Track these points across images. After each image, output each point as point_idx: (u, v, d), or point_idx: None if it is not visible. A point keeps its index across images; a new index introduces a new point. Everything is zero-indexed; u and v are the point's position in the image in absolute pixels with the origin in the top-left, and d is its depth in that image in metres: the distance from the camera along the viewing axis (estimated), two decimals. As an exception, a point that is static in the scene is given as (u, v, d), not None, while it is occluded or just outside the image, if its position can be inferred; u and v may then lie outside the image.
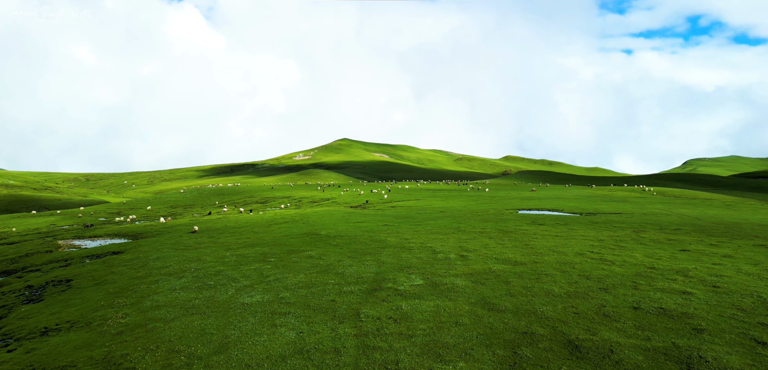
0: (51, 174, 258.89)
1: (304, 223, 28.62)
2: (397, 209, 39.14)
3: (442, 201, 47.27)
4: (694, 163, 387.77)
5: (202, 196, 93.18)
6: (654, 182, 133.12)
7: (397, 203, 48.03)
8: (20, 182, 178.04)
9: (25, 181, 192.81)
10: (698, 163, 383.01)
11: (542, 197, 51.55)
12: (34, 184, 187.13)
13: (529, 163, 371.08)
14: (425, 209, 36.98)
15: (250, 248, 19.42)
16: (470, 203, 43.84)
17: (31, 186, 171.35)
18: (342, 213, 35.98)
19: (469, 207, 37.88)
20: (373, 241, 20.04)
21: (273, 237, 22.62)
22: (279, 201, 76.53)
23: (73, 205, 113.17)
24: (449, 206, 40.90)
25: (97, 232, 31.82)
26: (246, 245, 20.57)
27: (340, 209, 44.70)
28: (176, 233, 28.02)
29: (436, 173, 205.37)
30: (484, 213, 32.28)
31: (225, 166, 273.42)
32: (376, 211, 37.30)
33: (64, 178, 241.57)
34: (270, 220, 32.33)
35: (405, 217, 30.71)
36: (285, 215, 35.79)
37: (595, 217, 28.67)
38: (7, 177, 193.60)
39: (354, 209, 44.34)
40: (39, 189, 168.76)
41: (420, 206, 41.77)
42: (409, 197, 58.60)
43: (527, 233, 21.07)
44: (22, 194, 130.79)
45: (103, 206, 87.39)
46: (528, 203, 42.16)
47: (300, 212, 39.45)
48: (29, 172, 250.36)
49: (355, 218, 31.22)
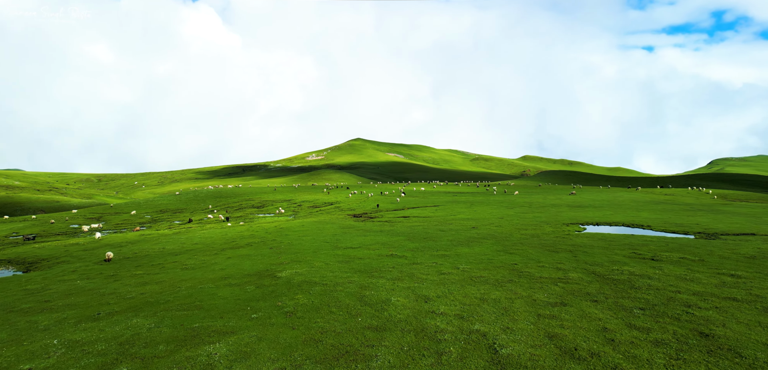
0: (66, 175, 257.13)
1: (272, 248, 19.14)
2: (412, 220, 29.42)
3: (468, 209, 37.27)
4: (721, 163, 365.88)
5: (197, 199, 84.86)
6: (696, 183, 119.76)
7: (411, 209, 38.18)
8: (27, 183, 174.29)
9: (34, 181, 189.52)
10: (725, 163, 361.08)
11: (594, 204, 41.14)
12: (42, 185, 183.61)
13: (548, 163, 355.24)
14: (449, 222, 27.10)
15: (111, 324, 9.90)
16: (506, 211, 33.76)
17: (36, 187, 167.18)
18: (337, 227, 26.46)
19: (508, 219, 27.87)
20: (364, 302, 10.38)
21: (193, 284, 13.12)
22: (277, 205, 67.39)
23: (67, 207, 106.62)
24: (480, 216, 30.94)
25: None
26: (127, 307, 11.09)
27: (339, 218, 35.20)
28: (83, 261, 18.92)
29: (451, 174, 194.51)
30: (537, 230, 22.29)
31: (236, 167, 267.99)
32: (382, 225, 27.63)
33: (77, 179, 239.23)
34: (232, 239, 23.02)
35: (422, 237, 20.93)
36: (258, 232, 26.40)
37: (714, 241, 18.43)
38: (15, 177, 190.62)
39: (357, 218, 34.78)
40: (43, 190, 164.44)
41: (441, 216, 31.91)
42: (426, 202, 48.63)
43: (655, 286, 11.10)
44: (20, 196, 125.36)
45: (99, 209, 79.66)
46: (583, 213, 31.86)
47: (282, 226, 30.03)
48: (45, 173, 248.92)
49: (351, 237, 21.62)
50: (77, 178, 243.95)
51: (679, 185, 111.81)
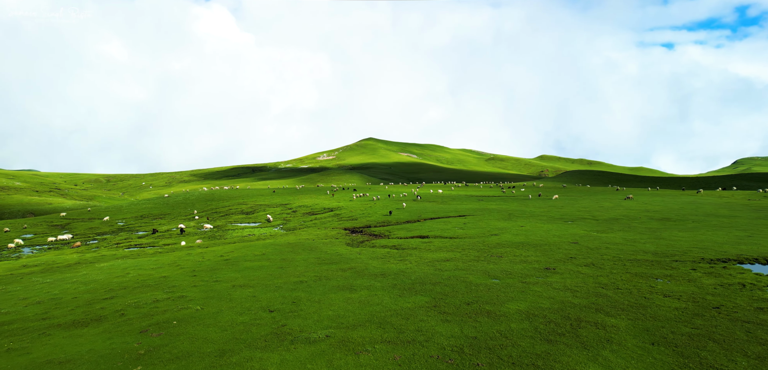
0: (76, 175, 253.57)
1: (144, 332, 9.53)
2: (434, 245, 19.53)
3: (508, 221, 27.15)
4: (747, 163, 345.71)
5: (186, 203, 75.99)
6: (747, 184, 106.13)
7: (430, 220, 28.04)
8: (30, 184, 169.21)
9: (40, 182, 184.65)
10: (751, 163, 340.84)
11: (681, 214, 30.61)
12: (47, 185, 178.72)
13: (566, 162, 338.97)
14: (494, 252, 17.16)
15: None
16: (572, 230, 23.58)
17: (36, 188, 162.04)
18: (314, 261, 16.81)
19: (596, 248, 17.74)
20: None
21: None
22: (270, 210, 57.83)
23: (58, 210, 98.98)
24: (535, 235, 20.91)
25: None
26: None
27: (328, 236, 25.55)
28: None
29: (466, 174, 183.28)
30: (688, 280, 12.25)
31: (246, 167, 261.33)
32: (386, 256, 17.82)
33: (87, 180, 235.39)
34: (111, 290, 13.53)
35: (468, 311, 10.70)
36: (185, 265, 16.83)
37: None
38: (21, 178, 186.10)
39: (353, 235, 25.15)
40: (41, 192, 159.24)
41: (475, 234, 21.89)
42: (448, 209, 38.02)
43: None
44: (11, 198, 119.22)
45: (82, 213, 71.47)
46: (691, 235, 21.45)
47: (233, 256, 20.44)
48: (57, 174, 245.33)
49: (322, 297, 11.85)
50: (87, 179, 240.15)
51: (725, 186, 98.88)
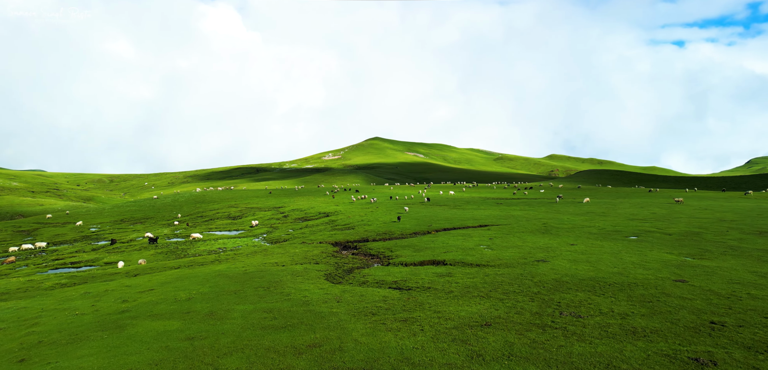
0: (79, 175, 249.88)
1: None
2: (456, 285, 13.11)
3: (558, 242, 20.64)
4: (761, 162, 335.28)
5: (174, 205, 70.12)
6: None
7: (443, 233, 21.65)
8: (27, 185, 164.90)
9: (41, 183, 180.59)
10: (766, 162, 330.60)
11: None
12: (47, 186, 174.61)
13: (576, 162, 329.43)
14: (574, 308, 10.72)
15: None
16: (654, 254, 17.03)
17: (31, 189, 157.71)
18: (269, 308, 10.54)
19: (717, 285, 11.25)
20: None
21: None
22: (260, 214, 51.61)
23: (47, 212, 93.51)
24: (612, 265, 14.50)
25: None
26: None
27: (307, 256, 19.29)
28: None
29: (474, 174, 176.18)
30: None
31: (250, 167, 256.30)
32: (383, 298, 11.46)
33: (90, 180, 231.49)
34: None
35: None
36: (67, 320, 10.61)
37: None
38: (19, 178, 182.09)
39: (340, 256, 18.92)
40: (37, 193, 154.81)
41: (518, 264, 15.49)
42: (464, 216, 30.34)
43: None
44: (2, 199, 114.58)
45: (65, 216, 65.98)
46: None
47: (149, 300, 14.14)
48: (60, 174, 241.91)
49: None
50: (90, 179, 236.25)
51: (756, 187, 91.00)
